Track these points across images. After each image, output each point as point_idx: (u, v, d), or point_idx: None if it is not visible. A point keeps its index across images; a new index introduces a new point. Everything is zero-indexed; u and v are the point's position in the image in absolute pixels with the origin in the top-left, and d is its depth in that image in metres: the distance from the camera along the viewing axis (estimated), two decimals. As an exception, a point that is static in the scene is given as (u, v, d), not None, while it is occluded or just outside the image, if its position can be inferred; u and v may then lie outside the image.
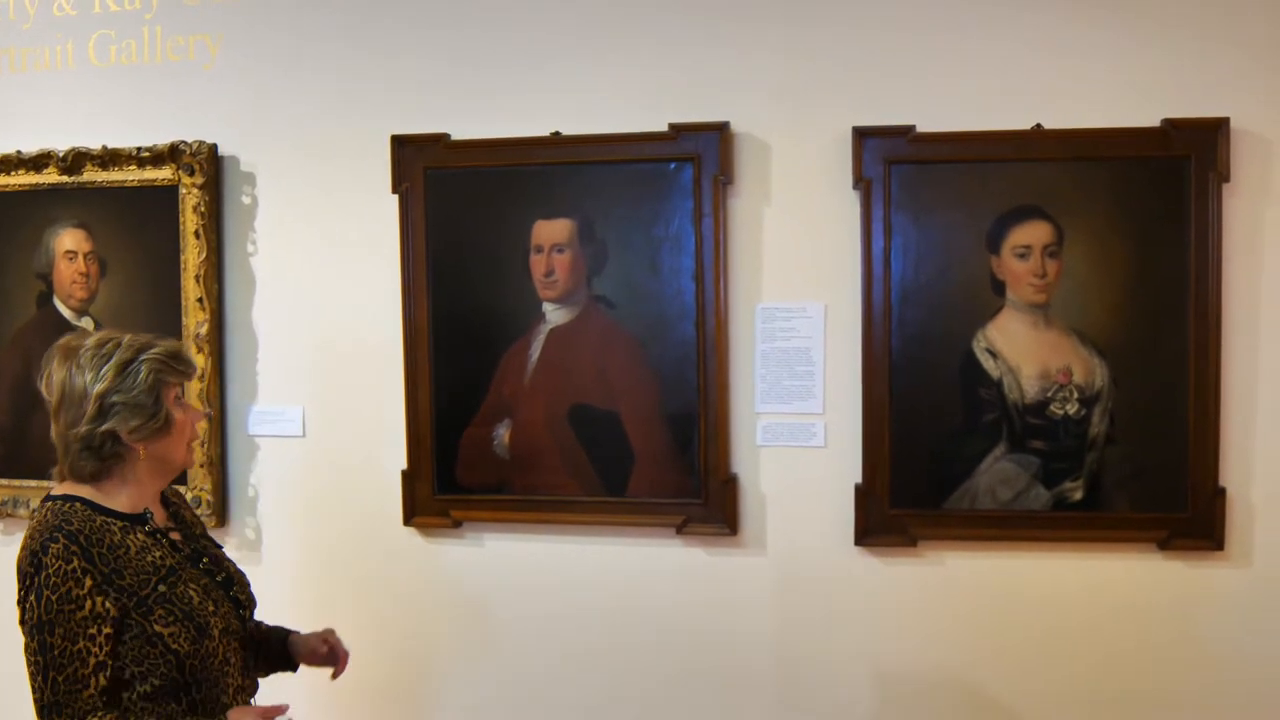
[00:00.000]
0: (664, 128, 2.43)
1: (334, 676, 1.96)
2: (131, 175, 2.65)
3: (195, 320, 2.63)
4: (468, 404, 2.54)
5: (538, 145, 2.49)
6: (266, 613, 2.64)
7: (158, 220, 2.65)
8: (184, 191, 2.62)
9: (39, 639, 1.51)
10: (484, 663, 2.63)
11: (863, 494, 2.43)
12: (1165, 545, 2.36)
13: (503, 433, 2.53)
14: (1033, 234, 2.37)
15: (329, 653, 1.95)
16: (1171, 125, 2.31)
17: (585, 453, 2.50)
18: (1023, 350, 2.38)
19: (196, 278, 2.62)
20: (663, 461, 2.48)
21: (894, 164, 2.38)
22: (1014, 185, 2.36)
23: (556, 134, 2.49)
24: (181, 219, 2.62)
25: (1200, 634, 2.39)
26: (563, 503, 2.52)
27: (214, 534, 2.09)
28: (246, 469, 2.69)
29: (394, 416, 2.58)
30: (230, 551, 2.11)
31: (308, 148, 2.62)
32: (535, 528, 2.57)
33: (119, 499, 1.67)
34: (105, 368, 1.62)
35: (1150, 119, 2.33)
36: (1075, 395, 2.37)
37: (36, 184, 2.72)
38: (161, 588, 1.61)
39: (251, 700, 1.80)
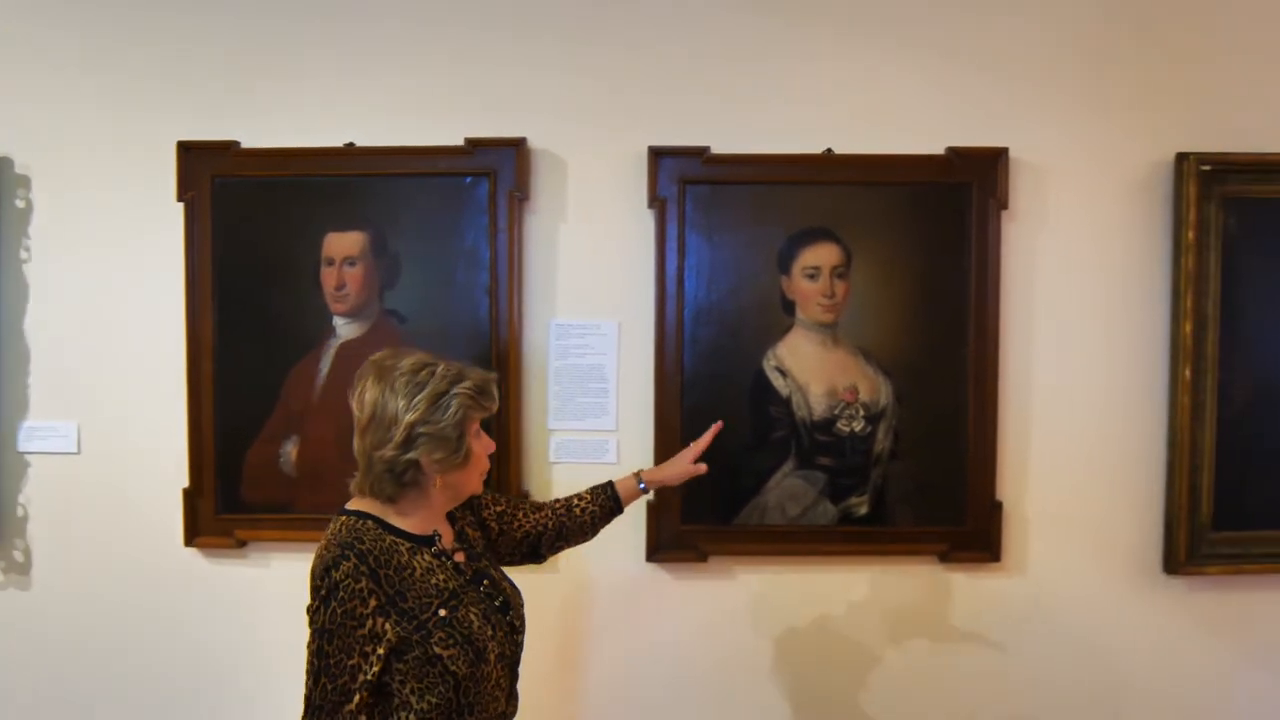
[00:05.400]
0: (460, 142, 2.41)
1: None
2: (-107, 174, 2.48)
3: (-38, 330, 2.47)
4: (253, 419, 2.45)
5: (331, 156, 2.43)
6: (32, 644, 2.52)
7: (-78, 223, 2.48)
8: (-49, 193, 2.46)
9: (319, 644, 1.55)
10: (266, 689, 2.52)
11: (655, 509, 2.44)
12: (946, 558, 2.45)
13: (290, 449, 2.45)
14: (822, 255, 2.42)
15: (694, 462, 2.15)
16: (955, 153, 2.41)
17: (376, 470, 2.44)
18: (811, 369, 2.43)
19: (-36, 284, 2.47)
20: (456, 479, 2.43)
21: (689, 184, 2.41)
22: (805, 208, 2.42)
23: (351, 145, 2.43)
24: (-52, 222, 2.47)
25: (980, 641, 2.49)
26: (353, 521, 2.45)
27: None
28: (15, 487, 2.52)
29: (175, 432, 2.46)
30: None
31: (88, 151, 2.49)
32: (326, 547, 2.50)
33: (410, 520, 1.70)
34: (419, 397, 1.64)
35: (935, 147, 2.43)
36: (861, 413, 2.44)
37: None
38: (442, 612, 1.63)
39: None
